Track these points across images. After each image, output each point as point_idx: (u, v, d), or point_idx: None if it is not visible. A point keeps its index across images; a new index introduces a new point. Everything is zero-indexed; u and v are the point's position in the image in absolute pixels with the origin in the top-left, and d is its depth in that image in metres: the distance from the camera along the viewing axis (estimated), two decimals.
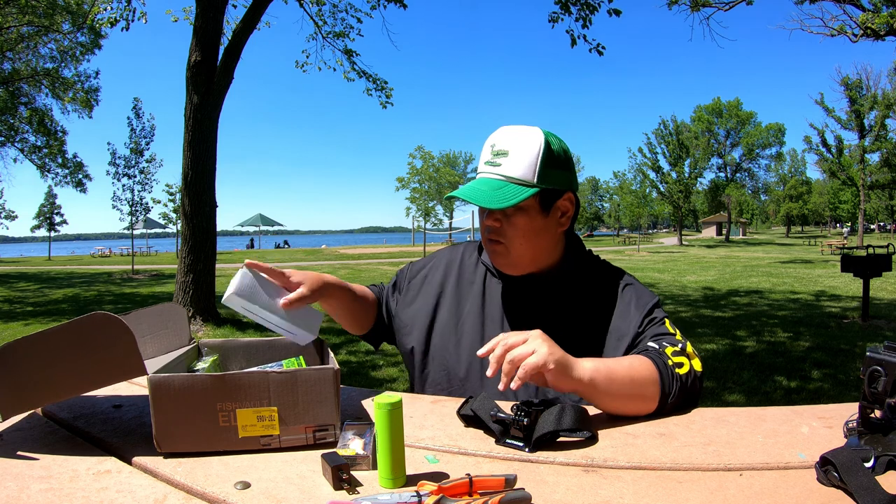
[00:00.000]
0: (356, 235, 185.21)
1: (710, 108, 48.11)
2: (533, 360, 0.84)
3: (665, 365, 0.95)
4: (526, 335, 0.88)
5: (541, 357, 0.85)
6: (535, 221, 1.05)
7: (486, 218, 1.08)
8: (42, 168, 22.67)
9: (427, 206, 22.47)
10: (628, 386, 0.92)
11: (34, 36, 19.12)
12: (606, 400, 0.92)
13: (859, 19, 10.21)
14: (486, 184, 1.03)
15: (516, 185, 1.02)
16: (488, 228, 1.08)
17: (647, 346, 1.01)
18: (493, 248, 1.09)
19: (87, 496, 0.69)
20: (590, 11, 8.40)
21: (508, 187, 1.02)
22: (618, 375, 0.91)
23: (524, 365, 0.84)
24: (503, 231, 1.06)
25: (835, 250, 24.95)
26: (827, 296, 9.79)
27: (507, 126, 1.07)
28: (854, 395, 0.83)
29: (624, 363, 0.95)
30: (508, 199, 1.00)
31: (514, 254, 1.07)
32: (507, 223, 1.05)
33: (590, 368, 0.89)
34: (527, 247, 1.07)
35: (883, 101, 32.24)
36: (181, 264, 7.16)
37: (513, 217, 1.05)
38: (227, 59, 7.25)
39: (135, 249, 22.24)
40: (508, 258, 1.08)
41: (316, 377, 0.82)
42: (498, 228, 1.06)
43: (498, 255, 1.09)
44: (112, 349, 0.79)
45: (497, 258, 1.10)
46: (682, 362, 0.97)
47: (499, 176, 1.03)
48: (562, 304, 1.11)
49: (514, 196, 1.00)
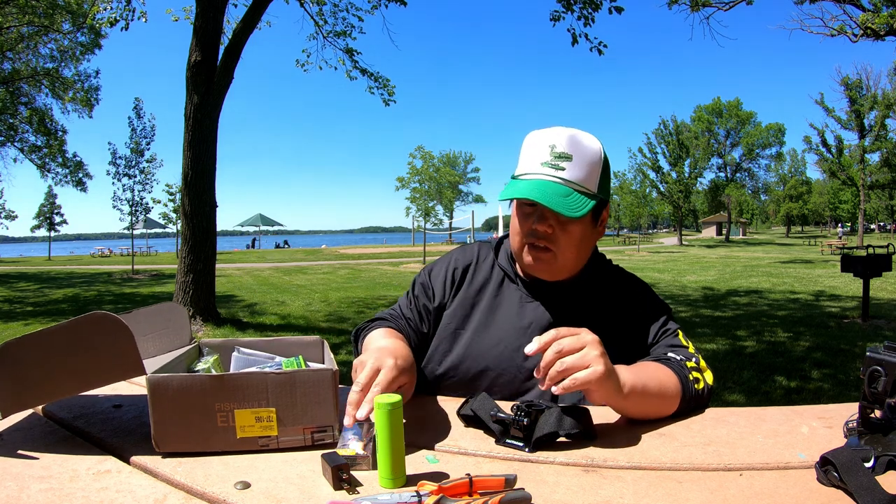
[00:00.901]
0: (356, 235, 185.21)
1: (710, 108, 48.10)
2: (584, 377, 0.80)
3: (686, 379, 0.95)
4: (582, 340, 0.83)
5: (594, 375, 0.80)
6: (586, 231, 1.04)
7: (538, 222, 1.02)
8: (42, 168, 22.66)
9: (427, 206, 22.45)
10: (655, 403, 0.92)
11: (34, 36, 19.12)
12: (630, 413, 0.91)
13: (859, 19, 10.21)
14: (552, 188, 0.98)
15: (581, 195, 0.99)
16: (536, 233, 1.02)
17: (668, 356, 1.00)
18: (538, 254, 1.04)
19: (87, 496, 0.69)
20: (592, 9, 8.39)
21: (575, 196, 0.98)
22: (650, 391, 0.90)
23: (574, 378, 0.80)
24: (555, 238, 1.02)
25: (835, 250, 24.94)
26: (827, 296, 9.79)
27: (561, 127, 1.03)
28: (854, 395, 0.83)
29: (654, 380, 0.92)
30: (579, 208, 0.97)
31: (561, 261, 1.04)
32: (560, 231, 1.02)
33: (628, 386, 0.87)
34: (574, 255, 1.05)
35: (883, 101, 32.24)
36: (181, 264, 7.16)
37: (568, 225, 1.01)
38: (227, 59, 7.25)
39: (135, 249, 22.24)
40: (554, 265, 1.05)
41: (314, 378, 0.82)
42: (550, 235, 1.02)
43: (543, 262, 1.05)
44: (111, 348, 0.79)
45: (541, 265, 1.05)
46: (698, 378, 0.98)
47: (562, 181, 0.99)
48: (579, 312, 1.10)
49: (584, 206, 0.98)
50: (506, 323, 1.11)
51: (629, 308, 1.11)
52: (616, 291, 1.13)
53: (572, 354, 0.81)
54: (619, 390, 0.85)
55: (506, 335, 1.10)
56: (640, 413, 0.91)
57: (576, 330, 0.84)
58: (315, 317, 8.18)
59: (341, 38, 10.24)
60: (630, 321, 1.09)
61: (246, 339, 1.12)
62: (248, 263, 22.42)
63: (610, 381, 0.83)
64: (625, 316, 1.10)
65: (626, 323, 1.09)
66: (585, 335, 0.83)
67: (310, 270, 18.25)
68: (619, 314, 1.10)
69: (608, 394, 0.84)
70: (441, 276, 1.19)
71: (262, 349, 1.10)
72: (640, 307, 1.10)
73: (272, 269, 19.50)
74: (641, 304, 1.11)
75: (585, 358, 0.81)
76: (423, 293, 1.19)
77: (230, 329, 6.98)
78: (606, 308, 1.11)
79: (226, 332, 6.78)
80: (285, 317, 8.21)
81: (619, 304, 1.11)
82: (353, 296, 10.72)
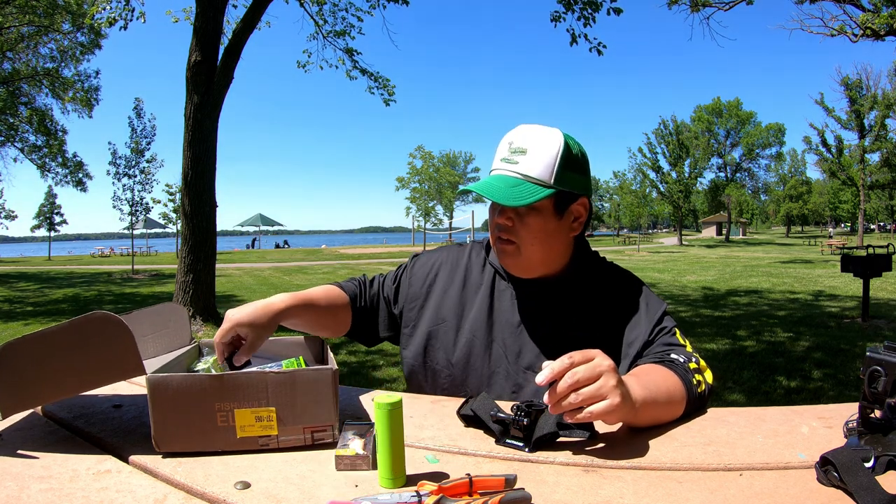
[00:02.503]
0: (356, 235, 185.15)
1: (710, 108, 48.09)
2: (600, 410, 0.76)
3: (690, 384, 0.95)
4: (597, 370, 0.77)
5: (610, 407, 0.76)
6: (548, 223, 1.04)
7: (499, 216, 1.05)
8: (42, 168, 22.65)
9: (427, 206, 22.41)
10: (664, 412, 0.91)
11: (34, 36, 19.13)
12: (639, 424, 0.89)
13: (859, 19, 10.22)
14: (502, 180, 1.01)
15: (533, 185, 1.00)
16: (499, 226, 1.05)
17: (672, 358, 0.99)
18: (502, 247, 1.06)
19: (87, 496, 0.69)
20: (592, 10, 8.39)
21: (525, 185, 1.00)
22: (660, 401, 0.88)
23: (590, 411, 0.76)
24: (515, 230, 1.04)
25: (835, 250, 24.95)
26: (827, 296, 9.79)
27: (525, 125, 1.05)
28: (854, 395, 0.83)
29: (662, 389, 0.90)
30: (524, 197, 0.98)
31: (525, 255, 1.05)
32: (519, 223, 1.03)
33: (640, 401, 0.83)
34: (538, 249, 1.05)
35: (883, 101, 32.23)
36: (181, 264, 7.16)
37: (526, 217, 1.03)
38: (227, 59, 7.25)
39: (135, 249, 22.24)
40: (518, 259, 1.06)
41: (314, 378, 0.82)
42: (510, 227, 1.04)
43: (507, 255, 1.07)
44: (111, 348, 0.79)
45: (506, 258, 1.08)
46: (700, 381, 0.97)
47: (515, 174, 1.01)
48: (572, 309, 1.10)
49: (530, 195, 0.98)
50: (500, 321, 1.12)
51: (623, 305, 1.10)
52: (609, 288, 1.12)
53: (588, 385, 0.77)
54: (632, 410, 0.82)
55: (499, 333, 1.11)
56: (648, 423, 0.90)
57: (590, 355, 0.79)
58: None
59: (341, 37, 10.26)
60: (624, 318, 1.08)
61: None
62: (248, 263, 22.43)
63: (624, 408, 0.79)
64: (619, 312, 1.09)
65: (620, 319, 1.08)
66: (600, 362, 0.78)
67: (310, 270, 18.24)
68: (612, 311, 1.09)
69: (621, 418, 0.82)
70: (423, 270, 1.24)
71: (262, 349, 1.10)
72: (635, 304, 1.09)
73: (272, 268, 19.50)
74: (636, 301, 1.10)
75: (602, 389, 0.76)
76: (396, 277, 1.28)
77: None
78: (601, 305, 1.10)
79: None
80: None
81: (612, 300, 1.10)
82: None
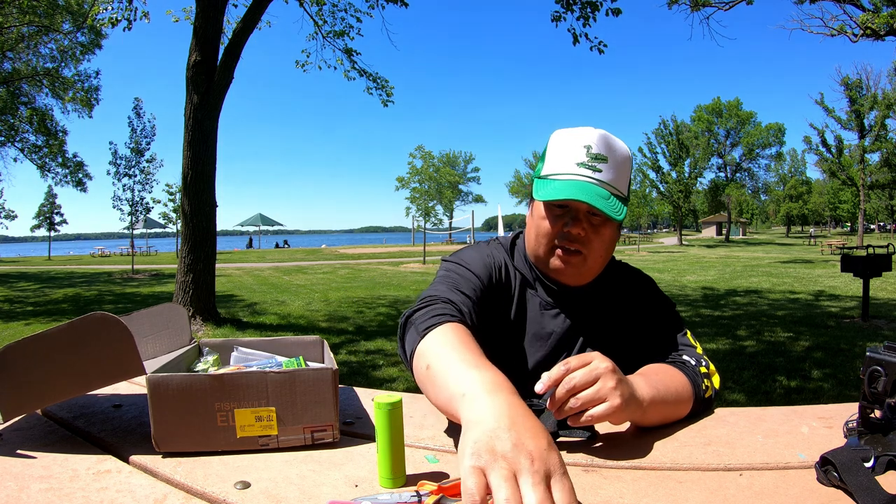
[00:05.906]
0: (356, 235, 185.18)
1: (710, 108, 48.04)
2: (600, 413, 0.76)
3: (699, 386, 0.95)
4: (594, 372, 0.77)
5: (610, 409, 0.76)
6: (615, 235, 1.04)
7: (572, 225, 0.99)
8: (42, 168, 22.64)
9: (427, 205, 22.37)
10: (671, 411, 0.91)
11: (34, 36, 19.13)
12: (646, 424, 0.89)
13: (859, 19, 10.22)
14: (593, 189, 0.96)
15: (618, 198, 0.99)
16: (569, 236, 0.99)
17: (684, 360, 0.99)
18: (569, 258, 1.01)
19: (87, 496, 0.69)
20: (592, 10, 8.41)
21: (613, 199, 0.97)
22: (668, 401, 0.88)
23: (590, 414, 0.76)
24: (588, 241, 1.00)
25: (834, 250, 24.95)
26: (827, 296, 9.79)
27: (590, 127, 1.01)
28: (854, 395, 0.83)
29: (671, 390, 0.90)
30: (619, 210, 0.96)
31: (590, 264, 1.02)
32: (593, 233, 1.00)
33: (647, 401, 0.83)
34: (603, 258, 1.04)
35: (883, 102, 32.24)
36: (181, 264, 7.16)
37: (601, 228, 1.00)
38: (227, 59, 7.25)
39: (135, 249, 22.23)
40: (583, 268, 1.03)
41: (314, 377, 0.82)
42: (583, 237, 1.00)
43: (573, 265, 1.02)
44: (111, 349, 0.79)
45: (570, 269, 1.02)
46: (707, 385, 0.97)
47: (599, 182, 0.98)
48: (598, 318, 1.09)
49: (622, 209, 0.98)
50: (529, 332, 1.07)
51: (639, 304, 1.11)
52: (625, 288, 1.12)
53: (586, 389, 0.76)
54: (638, 409, 0.81)
55: (527, 345, 1.07)
56: (656, 423, 0.89)
57: (587, 358, 0.78)
58: (315, 316, 8.18)
59: (340, 38, 10.26)
60: (641, 317, 1.09)
61: (246, 339, 1.12)
62: (248, 263, 22.42)
63: (628, 408, 0.78)
64: (636, 313, 1.10)
65: (638, 320, 1.09)
66: (598, 364, 0.78)
67: (310, 270, 18.25)
68: (631, 312, 1.10)
69: (627, 418, 0.82)
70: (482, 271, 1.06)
71: (262, 349, 1.10)
72: (649, 303, 1.10)
73: (272, 268, 19.50)
74: (650, 300, 1.11)
75: (601, 392, 0.76)
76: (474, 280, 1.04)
77: (230, 329, 6.98)
78: (620, 309, 1.10)
79: (226, 332, 6.78)
80: (285, 316, 8.21)
81: (629, 301, 1.11)
82: (353, 295, 10.72)
